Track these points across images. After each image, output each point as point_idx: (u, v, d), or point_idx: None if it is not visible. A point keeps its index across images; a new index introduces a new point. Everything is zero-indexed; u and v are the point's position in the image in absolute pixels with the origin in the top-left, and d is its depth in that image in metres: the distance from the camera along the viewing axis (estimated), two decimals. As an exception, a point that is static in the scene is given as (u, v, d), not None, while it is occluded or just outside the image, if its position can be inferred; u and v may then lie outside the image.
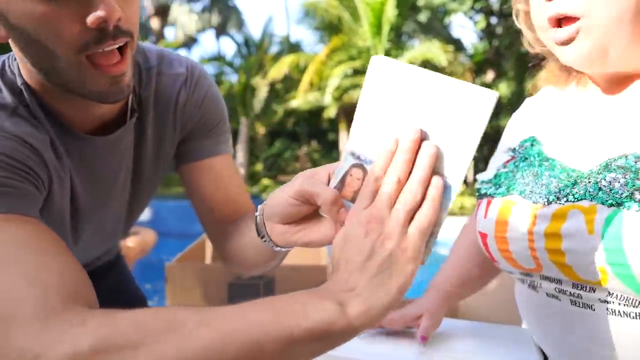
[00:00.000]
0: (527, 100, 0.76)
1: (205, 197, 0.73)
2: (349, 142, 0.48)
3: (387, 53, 10.83)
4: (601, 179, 0.52)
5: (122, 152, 0.68)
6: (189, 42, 17.10)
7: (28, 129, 0.56)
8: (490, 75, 14.49)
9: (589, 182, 0.53)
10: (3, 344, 0.39)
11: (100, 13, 0.50)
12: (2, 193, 0.50)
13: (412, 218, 0.42)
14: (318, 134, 18.03)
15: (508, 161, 0.68)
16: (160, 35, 16.34)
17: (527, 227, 0.57)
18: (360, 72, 11.25)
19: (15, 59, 0.60)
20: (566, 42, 0.54)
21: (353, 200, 0.48)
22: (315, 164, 16.98)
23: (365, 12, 10.71)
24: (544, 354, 0.65)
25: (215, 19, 16.64)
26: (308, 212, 0.53)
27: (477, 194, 0.70)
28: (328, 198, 0.47)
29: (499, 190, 0.65)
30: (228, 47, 54.34)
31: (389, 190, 0.43)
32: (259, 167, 16.08)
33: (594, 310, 0.53)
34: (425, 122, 0.44)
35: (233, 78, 15.10)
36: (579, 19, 0.52)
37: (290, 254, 0.70)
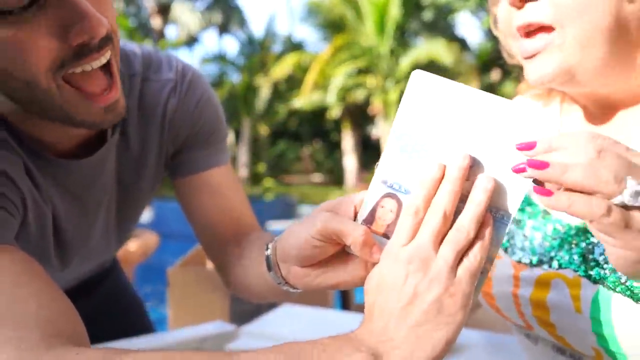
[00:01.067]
0: None
1: (203, 214, 0.66)
2: (379, 168, 0.42)
3: (391, 52, 10.80)
4: (586, 244, 0.48)
5: (105, 172, 0.62)
6: (191, 41, 17.12)
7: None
8: (495, 75, 14.41)
9: (574, 244, 0.49)
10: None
11: (85, 29, 0.42)
12: None
13: (461, 259, 0.37)
14: (321, 133, 18.07)
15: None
16: (161, 35, 16.35)
17: (511, 288, 0.53)
18: (364, 71, 11.23)
19: None
20: (530, 57, 0.47)
21: (385, 235, 0.42)
22: (318, 164, 16.99)
23: (369, 11, 10.72)
24: None
25: (217, 17, 16.68)
26: (333, 252, 0.45)
27: None
28: (358, 237, 0.41)
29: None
30: (230, 46, 54.72)
31: (435, 225, 0.37)
32: (261, 167, 16.10)
33: None
34: (473, 146, 0.39)
35: (235, 77, 15.10)
36: (552, 29, 0.45)
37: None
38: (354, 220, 0.43)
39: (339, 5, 11.62)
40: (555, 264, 0.50)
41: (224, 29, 17.24)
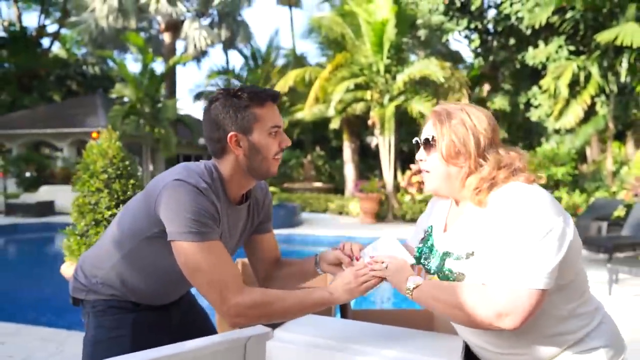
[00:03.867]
0: (433, 198, 1.30)
1: (262, 255, 1.41)
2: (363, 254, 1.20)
3: (388, 69, 11.37)
4: (442, 267, 1.11)
5: (242, 216, 1.30)
6: (199, 55, 17.67)
7: (213, 197, 1.14)
8: (485, 90, 15.03)
9: (441, 264, 1.11)
10: (224, 297, 1.05)
11: (287, 143, 1.21)
12: (211, 230, 1.09)
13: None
14: (323, 140, 18.57)
15: (423, 238, 1.23)
16: (171, 49, 16.94)
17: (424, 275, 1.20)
18: (362, 87, 11.77)
19: (208, 165, 1.19)
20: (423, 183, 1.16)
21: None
22: (318, 170, 17.51)
23: (367, 30, 11.20)
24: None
25: (224, 33, 17.18)
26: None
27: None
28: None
29: (417, 261, 1.22)
30: (237, 60, 55.27)
31: (365, 273, 1.15)
32: (265, 174, 16.52)
33: None
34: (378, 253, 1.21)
35: (241, 90, 15.57)
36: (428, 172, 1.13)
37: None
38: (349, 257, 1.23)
39: (338, 24, 12.15)
40: (430, 271, 1.15)
41: (230, 44, 17.76)
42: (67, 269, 2.08)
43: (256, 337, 1.15)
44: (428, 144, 1.10)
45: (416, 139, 1.15)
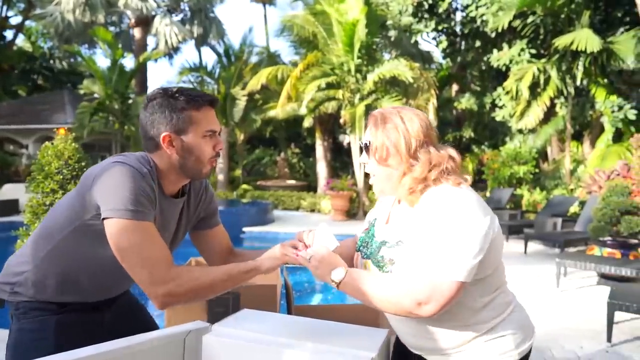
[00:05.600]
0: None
1: (213, 249, 1.44)
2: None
3: (358, 69, 11.54)
4: (376, 254, 1.17)
5: (177, 209, 1.31)
6: (171, 52, 17.40)
7: (153, 183, 1.16)
8: (452, 90, 15.41)
9: (377, 251, 1.18)
10: (153, 276, 1.05)
11: (220, 146, 1.25)
12: (148, 212, 1.10)
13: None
14: (297, 138, 18.61)
15: (366, 229, 1.29)
16: (142, 46, 16.64)
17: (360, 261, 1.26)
18: (334, 86, 11.90)
19: (146, 156, 1.20)
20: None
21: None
22: (292, 168, 17.56)
23: (338, 31, 11.33)
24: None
25: (196, 29, 16.97)
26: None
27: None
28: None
29: (361, 250, 1.26)
30: (210, 56, 54.48)
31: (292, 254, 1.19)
32: (238, 172, 16.57)
33: None
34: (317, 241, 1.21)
35: (214, 87, 15.50)
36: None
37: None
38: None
39: (310, 23, 12.24)
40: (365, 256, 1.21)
41: (202, 40, 17.56)
42: None
43: (195, 332, 1.21)
44: (367, 148, 1.17)
45: (359, 142, 1.21)
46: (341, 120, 11.81)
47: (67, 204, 1.21)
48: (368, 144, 1.16)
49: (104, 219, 1.08)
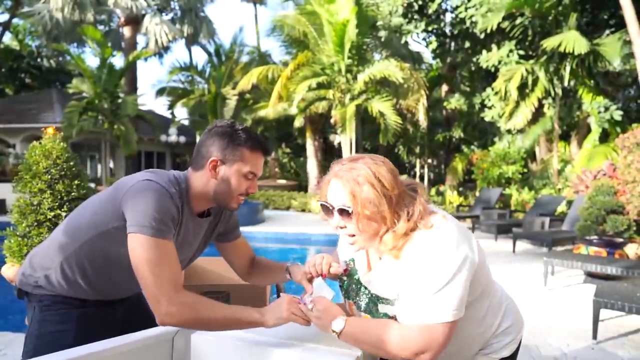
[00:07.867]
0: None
1: (237, 258, 1.54)
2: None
3: (349, 69, 11.58)
4: (375, 311, 1.16)
5: (202, 228, 1.39)
6: (161, 51, 17.27)
7: (179, 204, 1.23)
8: (444, 89, 15.51)
9: (374, 307, 1.17)
10: (162, 293, 1.10)
11: (254, 190, 1.30)
12: (169, 230, 1.16)
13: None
14: (288, 138, 18.58)
15: (347, 271, 1.26)
16: (132, 45, 16.49)
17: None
18: (324, 86, 11.93)
19: (183, 176, 1.29)
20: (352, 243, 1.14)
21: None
22: (283, 167, 17.54)
23: (329, 31, 11.35)
24: None
25: (186, 28, 16.87)
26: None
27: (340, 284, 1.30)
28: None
29: (346, 295, 1.26)
30: (200, 56, 54.14)
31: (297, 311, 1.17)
32: (229, 172, 16.41)
33: None
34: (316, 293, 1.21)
35: (204, 86, 15.41)
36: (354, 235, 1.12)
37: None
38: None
39: (301, 23, 12.24)
40: (370, 313, 1.17)
41: (193, 39, 17.46)
42: (8, 270, 2.05)
43: (183, 332, 1.23)
44: (344, 212, 1.08)
45: (323, 203, 1.12)
46: (332, 120, 11.86)
47: (93, 210, 1.28)
48: (345, 209, 1.08)
49: (128, 232, 1.16)
